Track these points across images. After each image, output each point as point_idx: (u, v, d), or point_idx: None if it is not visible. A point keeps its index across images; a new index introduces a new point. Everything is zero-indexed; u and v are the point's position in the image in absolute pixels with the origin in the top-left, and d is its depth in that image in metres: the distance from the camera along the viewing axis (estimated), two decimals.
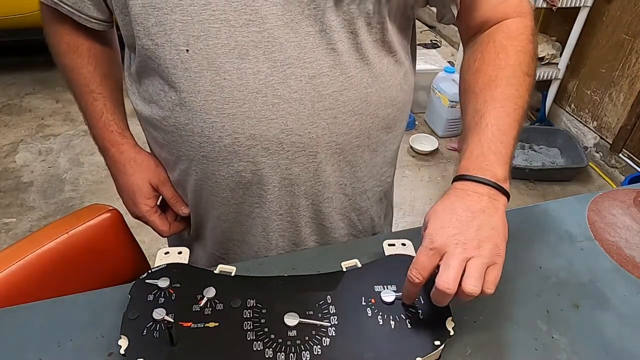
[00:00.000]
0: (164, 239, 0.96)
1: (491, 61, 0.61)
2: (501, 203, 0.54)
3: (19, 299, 0.62)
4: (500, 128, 0.56)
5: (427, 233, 0.51)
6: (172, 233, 0.81)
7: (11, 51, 3.34)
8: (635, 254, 0.70)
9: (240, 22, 0.55)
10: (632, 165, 2.26)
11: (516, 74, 0.60)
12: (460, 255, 0.49)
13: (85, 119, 0.77)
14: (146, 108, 0.66)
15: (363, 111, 0.64)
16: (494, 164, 0.54)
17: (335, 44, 0.58)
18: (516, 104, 0.58)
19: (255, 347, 0.51)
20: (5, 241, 1.91)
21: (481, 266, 0.49)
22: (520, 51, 0.62)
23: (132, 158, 0.76)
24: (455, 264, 0.48)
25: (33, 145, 2.49)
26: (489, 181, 0.53)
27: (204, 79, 0.58)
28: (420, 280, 0.50)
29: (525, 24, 0.64)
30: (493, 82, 0.60)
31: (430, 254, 0.50)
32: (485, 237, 0.50)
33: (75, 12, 0.65)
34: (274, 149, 0.62)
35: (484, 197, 0.53)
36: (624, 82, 2.25)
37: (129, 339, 0.51)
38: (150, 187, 0.76)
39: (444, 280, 0.48)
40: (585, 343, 0.58)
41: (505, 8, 0.64)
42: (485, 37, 0.64)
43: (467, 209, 0.52)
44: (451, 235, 0.50)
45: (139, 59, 0.62)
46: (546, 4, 2.18)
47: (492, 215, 0.52)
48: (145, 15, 0.56)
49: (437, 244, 0.50)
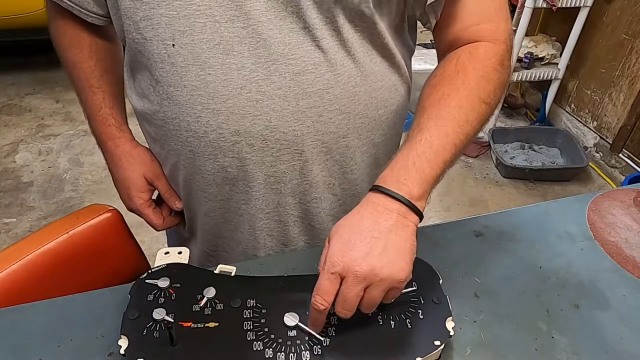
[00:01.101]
0: (164, 239, 0.96)
1: (448, 79, 0.59)
2: (411, 221, 0.51)
3: (19, 299, 0.62)
4: (432, 147, 0.54)
5: (329, 255, 0.49)
6: (166, 227, 0.81)
7: (11, 51, 3.34)
8: (635, 254, 0.70)
9: (225, 17, 0.55)
10: (632, 165, 2.26)
11: (471, 98, 0.57)
12: (359, 285, 0.48)
13: (85, 112, 0.78)
14: (139, 102, 0.67)
15: (351, 110, 0.63)
16: (413, 180, 0.52)
17: (320, 41, 0.57)
18: (460, 128, 0.55)
19: (255, 347, 0.51)
20: (5, 241, 1.91)
21: (378, 296, 0.49)
22: (481, 77, 0.58)
23: (127, 152, 0.76)
24: (352, 294, 0.48)
25: (33, 145, 2.50)
26: (402, 197, 0.51)
27: (189, 74, 0.58)
28: (326, 306, 0.49)
29: (496, 51, 0.60)
30: (444, 100, 0.57)
31: (332, 279, 0.48)
32: (388, 261, 0.48)
33: (76, 6, 0.66)
34: (258, 145, 0.61)
35: (393, 214, 0.50)
36: (624, 82, 2.25)
37: (129, 339, 0.51)
38: (144, 181, 0.77)
39: (341, 307, 0.49)
40: (585, 343, 0.58)
41: (479, 31, 0.61)
42: (452, 55, 0.62)
43: (373, 229, 0.49)
44: (353, 260, 0.48)
45: (130, 53, 0.63)
46: (546, 4, 2.18)
47: (399, 235, 0.50)
48: (134, 10, 0.57)
49: (338, 269, 0.48)
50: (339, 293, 0.49)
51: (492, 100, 0.59)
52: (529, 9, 2.18)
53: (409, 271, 0.49)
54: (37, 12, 2.60)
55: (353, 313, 0.49)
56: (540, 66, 2.48)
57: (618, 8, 2.22)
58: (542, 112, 2.63)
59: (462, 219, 0.77)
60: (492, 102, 0.59)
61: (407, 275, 0.49)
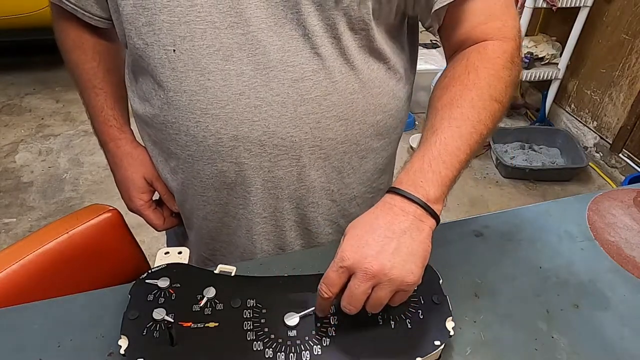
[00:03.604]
0: (164, 239, 0.96)
1: (460, 80, 0.58)
2: (427, 225, 0.51)
3: (19, 299, 0.62)
4: (447, 148, 0.53)
5: (341, 249, 0.49)
6: (166, 228, 0.82)
7: (11, 51, 3.34)
8: (635, 254, 0.70)
9: (225, 24, 0.55)
10: (632, 165, 2.26)
11: (483, 97, 0.56)
12: (367, 282, 0.48)
13: (88, 113, 0.79)
14: (140, 106, 0.67)
15: (349, 117, 0.63)
16: (430, 182, 0.52)
17: (319, 48, 0.58)
18: (474, 128, 0.55)
19: (255, 347, 0.51)
20: (5, 241, 1.91)
21: (385, 296, 0.49)
22: (492, 75, 0.58)
23: (128, 153, 0.77)
24: (360, 291, 0.48)
25: (33, 145, 2.49)
26: (419, 200, 0.51)
27: (189, 79, 0.58)
28: (329, 296, 0.49)
29: (505, 49, 0.60)
30: (456, 100, 0.56)
31: (340, 272, 0.48)
32: (399, 262, 0.48)
33: (79, 9, 0.66)
34: (256, 150, 0.62)
35: (409, 217, 0.50)
36: (624, 82, 2.25)
37: (129, 339, 0.51)
38: (145, 182, 0.77)
39: (347, 302, 0.49)
40: (585, 343, 0.58)
41: (486, 29, 0.61)
42: (461, 55, 0.61)
43: (387, 229, 0.49)
44: (363, 257, 0.48)
45: (131, 57, 0.64)
46: (546, 4, 2.18)
47: (413, 238, 0.49)
48: (136, 15, 0.57)
49: (347, 263, 0.48)
50: (347, 288, 0.49)
51: (504, 99, 0.58)
52: (529, 9, 2.18)
53: (419, 275, 0.49)
54: (37, 12, 2.60)
55: (358, 310, 0.49)
56: (540, 66, 2.48)
57: (618, 8, 2.22)
58: (542, 112, 2.63)
59: (462, 219, 0.77)
60: (504, 100, 0.58)
61: (416, 279, 0.49)
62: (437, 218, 0.52)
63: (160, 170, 0.75)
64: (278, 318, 0.54)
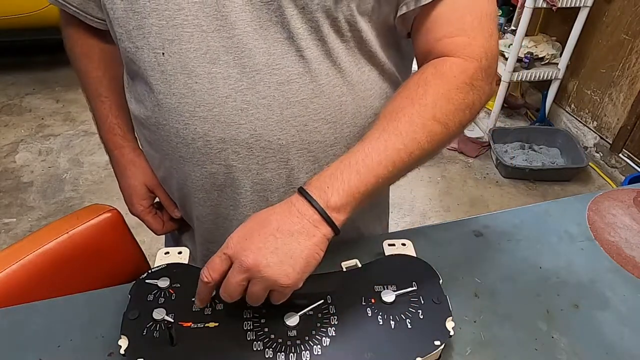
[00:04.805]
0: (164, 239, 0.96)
1: (407, 92, 0.55)
2: (320, 232, 0.49)
3: (19, 299, 0.62)
4: (366, 160, 0.51)
5: (230, 237, 0.50)
6: (166, 232, 0.83)
7: (11, 51, 3.34)
8: (635, 254, 0.70)
9: (211, 27, 0.55)
10: (632, 165, 2.26)
11: (423, 116, 0.53)
12: (241, 275, 0.48)
13: (94, 120, 0.80)
14: (136, 107, 0.68)
15: (337, 120, 0.63)
16: (335, 190, 0.50)
17: (304, 51, 0.57)
18: (404, 145, 0.52)
19: (255, 347, 0.51)
20: (5, 241, 1.91)
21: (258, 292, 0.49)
22: (441, 94, 0.54)
23: (131, 161, 0.78)
24: (234, 281, 0.48)
25: (33, 145, 2.49)
26: (317, 205, 0.49)
27: (177, 82, 0.59)
28: (209, 280, 0.49)
29: (464, 68, 0.55)
30: (396, 113, 0.54)
31: (222, 258, 0.49)
32: (275, 262, 0.47)
33: (81, 12, 0.67)
34: (244, 153, 0.62)
35: (303, 220, 0.49)
36: (624, 82, 2.25)
37: (129, 339, 0.51)
38: (145, 189, 0.79)
39: (223, 290, 0.49)
40: (585, 343, 0.58)
41: (449, 44, 0.56)
42: (422, 68, 0.58)
43: (277, 227, 0.49)
44: (243, 249, 0.48)
45: (124, 60, 0.64)
46: (546, 4, 2.18)
47: (299, 242, 0.48)
48: (126, 19, 0.58)
49: (229, 252, 0.49)
50: (226, 276, 0.49)
51: (451, 122, 0.54)
52: (529, 9, 2.18)
53: (294, 279, 0.48)
54: (37, 12, 2.60)
55: (234, 300, 0.50)
56: (540, 66, 2.48)
57: (618, 8, 2.22)
58: (542, 112, 2.63)
59: (462, 219, 0.77)
60: (449, 123, 0.54)
61: (291, 282, 0.48)
62: (335, 228, 0.50)
63: (156, 170, 0.76)
64: (278, 318, 0.54)
